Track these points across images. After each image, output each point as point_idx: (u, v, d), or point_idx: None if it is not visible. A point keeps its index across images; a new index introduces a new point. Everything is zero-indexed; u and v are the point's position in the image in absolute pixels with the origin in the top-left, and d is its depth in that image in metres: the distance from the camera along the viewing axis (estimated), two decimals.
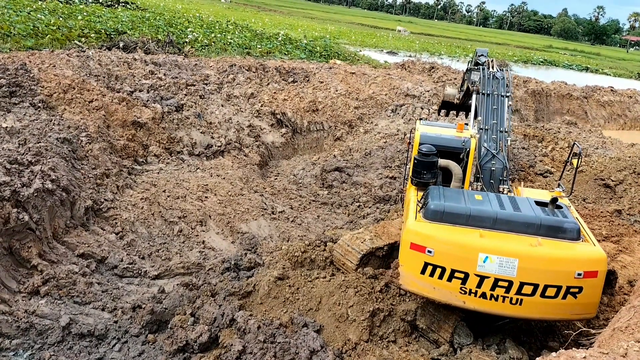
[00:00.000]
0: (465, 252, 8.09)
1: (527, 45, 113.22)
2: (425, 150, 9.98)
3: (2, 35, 25.87)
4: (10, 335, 9.24)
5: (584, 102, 37.22)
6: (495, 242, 8.11)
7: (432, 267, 8.24)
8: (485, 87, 12.91)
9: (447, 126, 12.13)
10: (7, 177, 11.01)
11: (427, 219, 8.56)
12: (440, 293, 8.35)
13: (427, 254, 8.23)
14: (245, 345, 8.91)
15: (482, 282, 8.02)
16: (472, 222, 8.38)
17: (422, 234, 8.38)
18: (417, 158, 9.99)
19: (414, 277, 8.49)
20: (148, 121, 17.54)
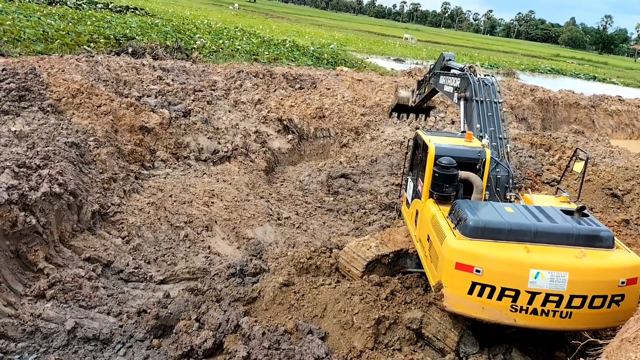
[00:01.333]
0: (516, 269, 7.87)
1: (534, 54, 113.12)
2: (445, 162, 9.53)
3: (12, 40, 26.11)
4: (15, 338, 9.25)
5: (591, 111, 37.12)
6: (544, 256, 7.94)
7: (481, 287, 7.94)
8: (477, 93, 12.52)
9: (453, 135, 11.76)
10: (15, 180, 11.07)
11: (466, 236, 8.19)
12: (489, 313, 8.07)
13: (475, 274, 7.92)
14: (250, 351, 8.87)
15: (534, 298, 7.84)
16: (512, 236, 8.17)
17: (469, 252, 8.04)
18: (437, 171, 9.56)
19: (460, 298, 8.17)
20: (155, 126, 17.62)
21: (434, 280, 8.73)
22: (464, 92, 12.93)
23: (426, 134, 10.98)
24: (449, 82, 14.57)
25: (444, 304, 8.44)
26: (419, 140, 11.15)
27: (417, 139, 11.49)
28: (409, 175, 11.75)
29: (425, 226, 9.61)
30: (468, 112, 12.70)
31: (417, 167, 11.26)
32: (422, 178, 10.45)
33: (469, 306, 8.14)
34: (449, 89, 14.57)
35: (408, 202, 11.57)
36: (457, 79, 13.83)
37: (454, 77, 14.09)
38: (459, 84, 13.68)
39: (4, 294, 9.74)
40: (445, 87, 14.96)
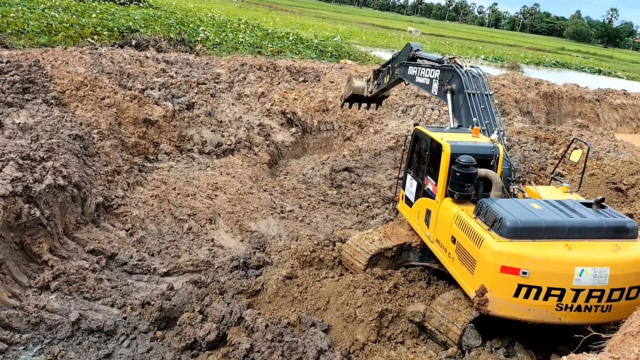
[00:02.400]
0: (561, 269, 7.86)
1: (539, 47, 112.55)
2: (465, 161, 9.25)
3: (16, 32, 26.10)
4: (20, 330, 9.32)
5: (596, 105, 36.94)
6: (585, 253, 7.96)
7: (527, 289, 7.88)
8: (468, 86, 12.22)
9: (457, 131, 11.25)
10: (20, 172, 11.10)
11: (505, 237, 8.04)
12: (535, 313, 8.04)
13: (521, 276, 7.85)
14: (253, 343, 8.92)
15: (578, 295, 7.88)
16: (548, 234, 8.14)
17: (514, 255, 7.92)
18: (458, 170, 9.26)
19: (506, 302, 8.06)
20: (159, 119, 17.63)
21: (471, 285, 8.48)
22: (449, 85, 12.64)
23: (431, 130, 10.68)
24: (423, 73, 14.25)
25: (488, 308, 8.24)
26: (423, 137, 10.73)
27: (418, 135, 11.01)
28: (409, 173, 11.33)
29: (445, 227, 9.37)
30: (456, 105, 12.42)
31: (420, 165, 10.93)
32: (431, 176, 10.14)
33: (514, 309, 8.06)
34: (423, 80, 14.20)
35: (409, 199, 11.23)
36: (436, 71, 13.49)
37: (432, 68, 13.76)
38: (439, 76, 13.32)
39: (8, 286, 9.80)
40: (417, 79, 14.57)
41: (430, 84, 13.78)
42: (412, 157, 11.34)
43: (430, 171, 10.26)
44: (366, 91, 18.86)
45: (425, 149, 10.60)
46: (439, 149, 9.83)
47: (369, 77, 18.87)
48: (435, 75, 13.54)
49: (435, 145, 10.06)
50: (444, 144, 9.68)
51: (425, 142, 10.58)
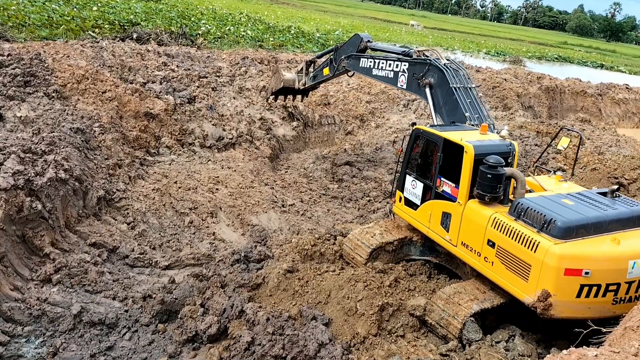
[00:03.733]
0: (617, 264, 8.00)
1: (541, 42, 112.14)
2: (493, 161, 9.09)
3: (17, 25, 26.06)
4: (22, 322, 9.35)
5: (598, 100, 36.85)
6: (632, 245, 8.14)
7: (589, 288, 7.96)
8: (453, 80, 11.80)
9: (464, 128, 10.87)
10: (21, 166, 11.11)
11: (560, 239, 8.05)
12: (594, 311, 8.07)
13: (583, 276, 7.90)
14: (254, 336, 8.95)
15: (630, 287, 8.09)
16: (594, 230, 8.24)
17: (576, 256, 7.95)
18: (488, 171, 9.07)
19: (569, 303, 8.07)
20: (160, 112, 17.61)
21: (525, 290, 8.37)
22: (426, 79, 12.14)
23: (440, 130, 10.32)
24: (383, 65, 13.63)
25: (551, 312, 8.13)
26: (429, 137, 10.39)
27: (420, 135, 10.67)
28: (410, 174, 10.96)
29: (477, 230, 9.20)
30: (436, 100, 12.02)
31: (427, 166, 10.58)
32: (448, 178, 9.84)
33: (576, 309, 8.08)
34: (384, 73, 13.64)
35: (411, 201, 10.92)
36: (403, 63, 12.98)
37: (397, 61, 13.24)
38: (408, 69, 12.77)
39: (10, 279, 9.83)
40: (375, 71, 14.01)
41: (395, 77, 13.27)
42: (414, 158, 10.96)
43: (446, 173, 9.94)
44: (298, 83, 18.07)
45: (433, 150, 10.28)
46: (458, 150, 9.54)
47: (300, 69, 18.14)
48: (402, 68, 13.03)
49: (451, 146, 9.75)
50: (466, 145, 9.42)
51: (434, 142, 10.24)
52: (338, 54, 16.04)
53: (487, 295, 9.39)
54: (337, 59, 15.89)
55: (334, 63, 16.09)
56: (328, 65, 16.45)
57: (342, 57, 15.68)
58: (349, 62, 15.32)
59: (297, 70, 18.27)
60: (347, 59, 15.42)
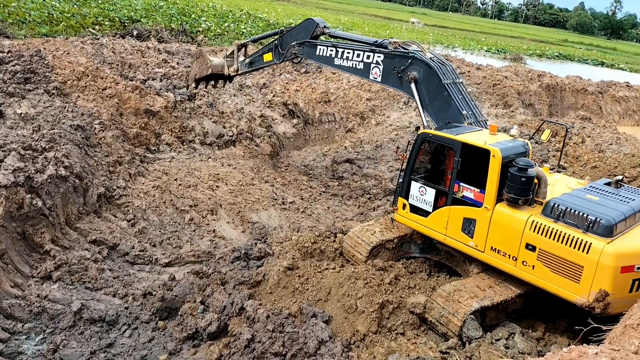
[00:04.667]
0: None
1: (542, 39, 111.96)
2: (523, 164, 9.09)
3: (17, 22, 26.02)
4: (22, 319, 9.36)
5: (598, 98, 36.81)
6: None
7: (639, 281, 8.23)
8: (446, 75, 11.35)
9: (473, 130, 10.57)
10: (22, 162, 11.11)
11: (607, 237, 8.20)
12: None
13: (635, 271, 8.16)
14: (254, 334, 8.97)
15: None
16: (628, 224, 8.57)
17: (628, 253, 8.14)
18: (519, 174, 9.04)
19: (622, 299, 8.16)
20: (161, 110, 17.59)
21: (576, 291, 8.41)
22: (410, 73, 11.57)
23: (453, 133, 10.00)
24: (349, 55, 12.84)
25: (609, 310, 8.14)
26: (443, 142, 10.09)
27: (430, 140, 10.31)
28: (416, 180, 10.53)
29: (511, 234, 9.13)
30: (422, 97, 11.53)
31: (439, 171, 10.36)
32: (470, 183, 9.63)
33: (627, 304, 8.06)
34: (350, 63, 12.90)
35: (418, 208, 10.53)
36: (377, 55, 12.29)
37: (369, 52, 12.49)
38: (384, 61, 12.13)
39: (10, 275, 9.84)
40: (339, 61, 13.18)
41: (366, 69, 12.54)
42: (421, 164, 10.64)
43: (466, 177, 9.73)
44: (228, 69, 16.51)
45: (447, 154, 10.08)
46: (482, 154, 9.37)
47: (229, 53, 16.70)
48: (375, 60, 12.32)
49: (472, 150, 9.55)
50: (492, 149, 9.25)
51: (448, 146, 10.00)
52: (285, 39, 14.71)
53: (486, 293, 9.40)
54: (285, 44, 14.55)
55: (280, 49, 14.68)
56: (272, 51, 14.99)
57: (292, 43, 14.36)
58: (301, 49, 14.18)
59: (225, 54, 16.76)
60: (299, 45, 14.22)
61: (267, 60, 15.28)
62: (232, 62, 16.51)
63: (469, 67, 34.57)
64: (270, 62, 15.31)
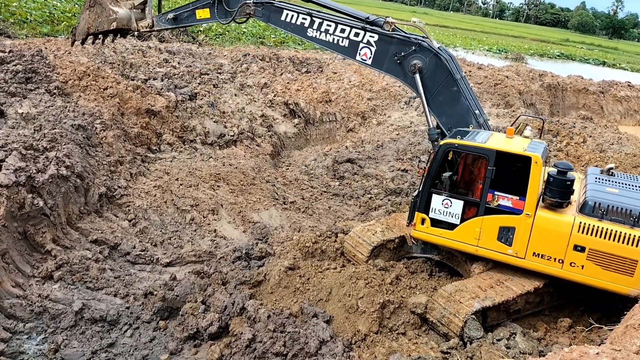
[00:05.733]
0: None
1: (543, 39, 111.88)
2: (563, 167, 9.25)
3: (18, 22, 26.03)
4: (24, 319, 9.37)
5: (600, 97, 36.78)
6: None
7: None
8: (458, 70, 10.61)
9: (490, 134, 10.32)
10: (23, 162, 11.11)
11: None
12: None
13: None
14: (255, 334, 8.96)
15: None
16: None
17: None
18: (560, 177, 9.22)
19: None
20: (162, 109, 17.60)
21: (631, 284, 8.80)
22: (417, 63, 10.49)
23: (479, 142, 9.69)
24: (330, 28, 11.11)
25: None
26: (471, 151, 9.76)
27: (455, 150, 9.86)
28: (439, 194, 10.01)
29: (557, 238, 9.25)
30: (425, 89, 10.58)
31: (468, 182, 10.15)
32: (507, 191, 9.47)
33: None
34: (332, 38, 11.19)
35: (441, 222, 10.11)
36: (371, 35, 10.84)
37: (361, 30, 10.94)
38: (378, 43, 10.79)
39: (12, 275, 9.84)
40: (314, 33, 11.39)
41: (353, 48, 11.03)
42: (445, 176, 10.05)
43: (502, 186, 9.56)
44: (138, 24, 13.18)
45: (477, 164, 9.88)
46: (520, 161, 9.34)
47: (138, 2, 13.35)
48: (367, 40, 10.91)
49: (509, 158, 9.42)
50: (533, 155, 9.22)
51: (479, 156, 9.73)
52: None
53: (488, 293, 9.39)
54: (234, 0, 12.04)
55: (225, 5, 12.07)
56: (208, 6, 12.31)
57: (243, 2, 11.87)
58: (259, 10, 11.83)
59: (132, 3, 13.25)
60: (256, 5, 11.84)
61: (201, 17, 12.51)
62: (142, 15, 13.18)
63: (470, 66, 34.55)
64: (205, 19, 12.56)
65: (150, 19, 13.13)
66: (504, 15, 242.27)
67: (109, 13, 12.92)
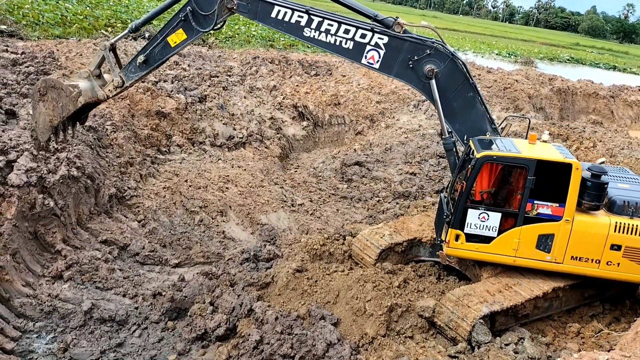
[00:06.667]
0: None
1: (553, 43, 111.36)
2: (597, 170, 9.50)
3: (31, 24, 26.28)
4: (34, 318, 9.46)
5: (610, 102, 36.54)
6: None
7: None
8: (470, 75, 10.13)
9: (514, 141, 10.19)
10: (34, 163, 11.21)
11: None
12: None
13: None
14: (263, 335, 8.98)
15: None
16: None
17: None
18: (596, 181, 9.47)
19: None
20: (172, 111, 17.70)
21: None
22: (433, 68, 9.83)
23: (515, 152, 9.55)
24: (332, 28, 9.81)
25: None
26: (511, 162, 9.54)
27: (494, 162, 9.57)
28: (477, 208, 9.69)
29: (595, 240, 9.53)
30: (443, 98, 9.99)
31: (507, 193, 9.96)
32: (547, 199, 9.46)
33: None
34: (333, 39, 9.93)
35: (476, 236, 9.82)
36: (380, 36, 9.89)
37: (368, 30, 9.90)
38: (387, 44, 9.85)
39: (22, 275, 9.94)
40: (313, 33, 9.94)
41: (358, 50, 9.94)
42: (483, 189, 9.89)
43: (542, 194, 9.48)
44: (105, 90, 10.66)
45: (516, 174, 9.72)
46: (562, 168, 9.34)
47: (93, 68, 10.72)
48: (374, 42, 9.89)
49: (550, 166, 9.37)
50: (573, 162, 9.33)
51: (520, 166, 9.52)
52: None
53: (496, 297, 9.36)
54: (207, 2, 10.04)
55: (199, 10, 10.08)
56: (180, 26, 10.30)
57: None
58: (243, 4, 9.97)
59: (88, 70, 10.72)
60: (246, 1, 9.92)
61: (178, 42, 10.40)
62: (102, 81, 10.74)
63: (480, 70, 34.47)
64: (183, 42, 10.41)
65: (118, 75, 10.59)
66: (514, 18, 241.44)
67: (69, 91, 10.24)
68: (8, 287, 9.65)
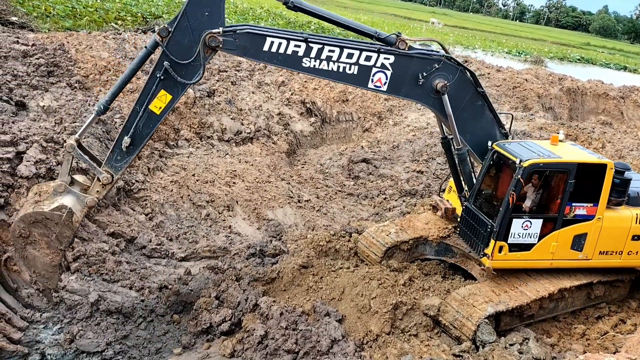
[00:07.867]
0: None
1: (564, 42, 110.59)
2: (621, 167, 9.99)
3: (41, 16, 26.38)
4: (41, 309, 9.54)
5: (620, 102, 36.25)
6: None
7: None
8: (479, 84, 9.93)
9: (536, 143, 10.27)
10: (43, 155, 11.29)
11: None
12: None
13: None
14: (268, 330, 9.02)
15: None
16: None
17: None
18: (622, 177, 9.99)
19: None
20: (180, 106, 17.75)
21: None
22: (443, 82, 9.34)
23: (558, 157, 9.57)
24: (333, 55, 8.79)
25: None
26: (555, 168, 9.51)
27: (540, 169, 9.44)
28: (520, 217, 9.51)
29: (619, 234, 10.07)
30: (453, 107, 9.67)
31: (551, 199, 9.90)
32: (583, 200, 9.62)
33: None
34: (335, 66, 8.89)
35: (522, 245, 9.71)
36: (386, 56, 9.01)
37: (373, 52, 8.97)
38: (393, 64, 9.08)
39: None
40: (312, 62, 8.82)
41: (364, 75, 9.08)
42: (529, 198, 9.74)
43: (578, 196, 9.59)
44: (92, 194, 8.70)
45: (557, 179, 9.70)
46: (598, 169, 9.55)
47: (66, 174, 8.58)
48: (380, 63, 9.05)
49: (588, 168, 9.49)
50: (608, 161, 9.67)
51: (561, 171, 9.52)
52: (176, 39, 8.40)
53: (502, 297, 9.35)
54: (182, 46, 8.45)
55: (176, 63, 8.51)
56: (161, 87, 8.75)
57: (206, 33, 8.29)
58: (230, 40, 8.50)
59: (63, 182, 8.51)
60: (225, 34, 8.42)
61: (164, 106, 8.99)
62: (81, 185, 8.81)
63: (489, 69, 34.29)
64: (170, 104, 8.99)
65: (102, 172, 8.73)
66: (524, 17, 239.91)
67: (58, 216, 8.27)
68: (16, 277, 9.74)
